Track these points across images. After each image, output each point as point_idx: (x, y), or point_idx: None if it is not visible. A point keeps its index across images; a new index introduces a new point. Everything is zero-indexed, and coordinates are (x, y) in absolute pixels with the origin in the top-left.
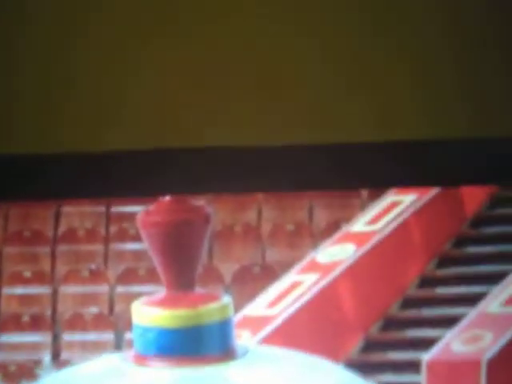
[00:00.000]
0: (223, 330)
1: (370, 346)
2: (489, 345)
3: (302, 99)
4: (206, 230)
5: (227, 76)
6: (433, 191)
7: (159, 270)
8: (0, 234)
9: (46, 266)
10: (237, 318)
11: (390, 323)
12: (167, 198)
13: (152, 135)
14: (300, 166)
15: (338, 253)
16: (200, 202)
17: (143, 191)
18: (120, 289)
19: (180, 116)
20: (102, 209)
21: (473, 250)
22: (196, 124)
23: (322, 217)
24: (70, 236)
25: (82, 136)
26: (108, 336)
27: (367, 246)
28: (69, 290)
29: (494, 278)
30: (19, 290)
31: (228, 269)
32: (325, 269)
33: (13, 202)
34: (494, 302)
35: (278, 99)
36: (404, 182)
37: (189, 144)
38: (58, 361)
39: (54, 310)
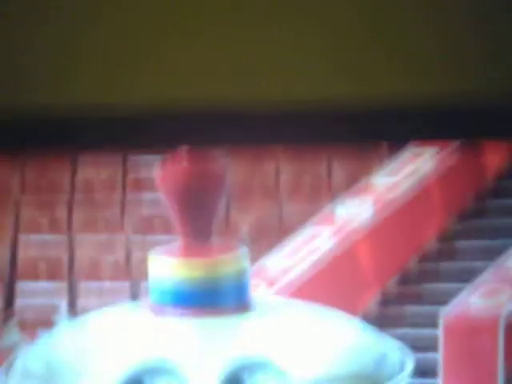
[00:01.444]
0: (239, 280)
1: (387, 299)
2: (508, 300)
3: (324, 51)
4: (224, 180)
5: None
6: (454, 144)
7: (176, 220)
8: (17, 183)
9: (62, 214)
10: (253, 269)
11: (408, 277)
12: (185, 148)
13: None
14: (319, 120)
15: (356, 205)
16: (218, 153)
17: (160, 144)
18: (136, 238)
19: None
20: (119, 158)
21: (493, 204)
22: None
23: (340, 171)
24: (87, 185)
25: (97, 88)
26: (124, 284)
27: (386, 200)
28: (85, 238)
29: None
30: (36, 237)
31: (245, 221)
32: (343, 221)
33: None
34: None
35: (302, 50)
36: (427, 135)
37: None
38: (74, 308)
39: (71, 258)
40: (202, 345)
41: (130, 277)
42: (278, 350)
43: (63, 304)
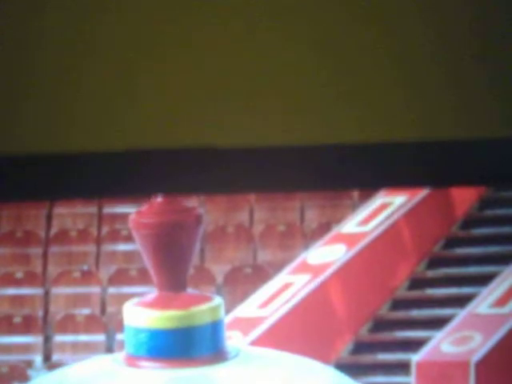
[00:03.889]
0: (214, 331)
1: (359, 347)
2: (478, 346)
3: (289, 100)
4: (198, 231)
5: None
6: (423, 192)
7: (151, 270)
8: None
9: (37, 266)
10: (228, 318)
11: (380, 324)
12: (159, 198)
13: (143, 136)
14: (291, 167)
15: (328, 254)
16: (192, 203)
17: (135, 191)
18: (112, 290)
19: (171, 117)
20: (94, 210)
21: (462, 251)
22: (187, 125)
23: (313, 217)
24: (62, 237)
25: (74, 136)
26: (99, 337)
27: (358, 247)
28: (60, 291)
29: (483, 279)
30: (11, 290)
31: (220, 270)
32: (316, 270)
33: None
34: (483, 303)
35: (269, 100)
36: (394, 182)
37: (180, 145)
38: (49, 362)
39: (46, 311)
40: None
41: (106, 329)
42: None
43: (38, 358)
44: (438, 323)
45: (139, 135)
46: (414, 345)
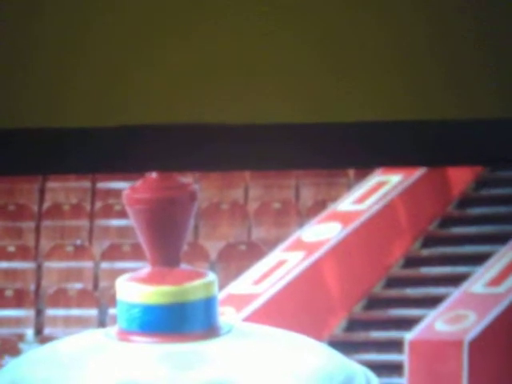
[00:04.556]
0: (208, 307)
1: (353, 324)
2: (472, 325)
3: (284, 78)
4: (192, 207)
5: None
6: (419, 172)
7: (144, 246)
8: None
9: (30, 240)
10: (221, 295)
11: (374, 302)
12: (154, 174)
13: (139, 112)
14: (286, 145)
15: (323, 231)
16: (186, 179)
17: (130, 168)
18: (104, 265)
19: (167, 93)
20: (88, 184)
21: (458, 230)
22: (182, 101)
23: (308, 196)
24: (55, 211)
25: (67, 112)
26: (92, 312)
27: (353, 226)
28: (53, 265)
29: (478, 259)
30: (3, 264)
31: (214, 246)
32: (310, 247)
33: None
34: (477, 282)
35: (264, 77)
36: (390, 162)
37: (175, 120)
38: (41, 335)
39: (38, 285)
40: (170, 371)
41: (98, 304)
42: (246, 375)
43: (30, 332)
44: (433, 302)
45: (134, 111)
46: (408, 323)
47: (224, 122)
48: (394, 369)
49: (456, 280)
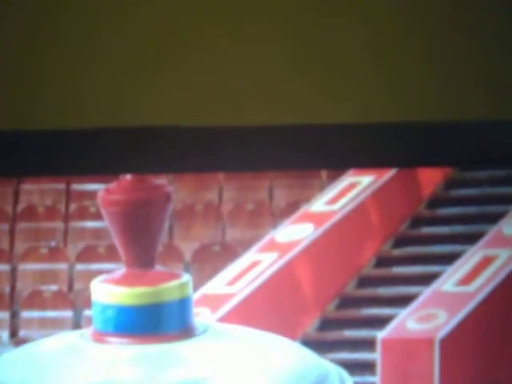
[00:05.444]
0: (182, 307)
1: (326, 324)
2: (443, 323)
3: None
4: (167, 208)
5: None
6: (390, 173)
7: (119, 248)
8: None
9: (4, 243)
10: (196, 295)
11: (347, 302)
12: (128, 176)
13: (115, 114)
14: (260, 147)
15: (296, 232)
16: (161, 181)
17: (104, 170)
18: (79, 266)
19: (141, 95)
20: (62, 186)
21: (428, 230)
22: (156, 103)
23: (282, 197)
24: (30, 213)
25: (45, 113)
26: (67, 313)
27: (325, 226)
28: (28, 267)
29: (449, 258)
30: None
31: (188, 247)
32: (284, 248)
33: None
34: (448, 281)
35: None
36: (362, 163)
37: (150, 123)
38: (16, 338)
39: (13, 288)
40: (146, 371)
41: (73, 306)
42: (220, 375)
43: (5, 334)
44: (404, 301)
45: (108, 113)
46: (380, 322)
47: (199, 125)
48: (367, 367)
49: (427, 279)
